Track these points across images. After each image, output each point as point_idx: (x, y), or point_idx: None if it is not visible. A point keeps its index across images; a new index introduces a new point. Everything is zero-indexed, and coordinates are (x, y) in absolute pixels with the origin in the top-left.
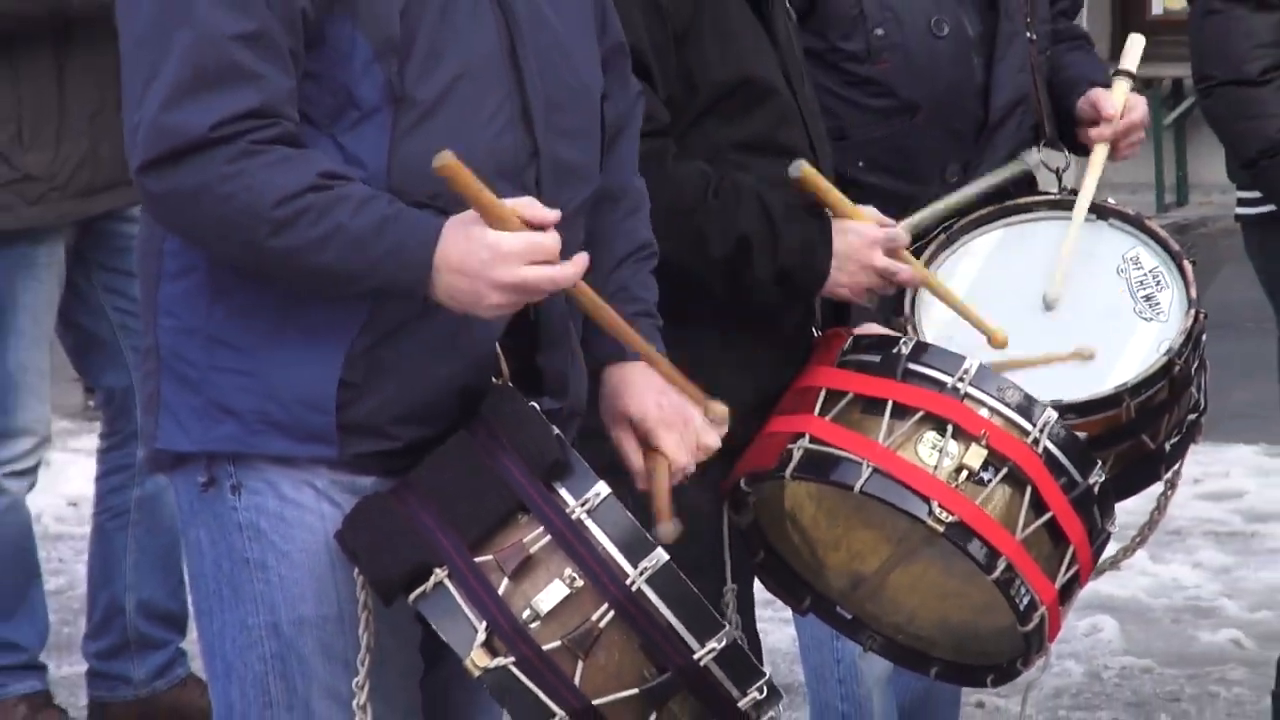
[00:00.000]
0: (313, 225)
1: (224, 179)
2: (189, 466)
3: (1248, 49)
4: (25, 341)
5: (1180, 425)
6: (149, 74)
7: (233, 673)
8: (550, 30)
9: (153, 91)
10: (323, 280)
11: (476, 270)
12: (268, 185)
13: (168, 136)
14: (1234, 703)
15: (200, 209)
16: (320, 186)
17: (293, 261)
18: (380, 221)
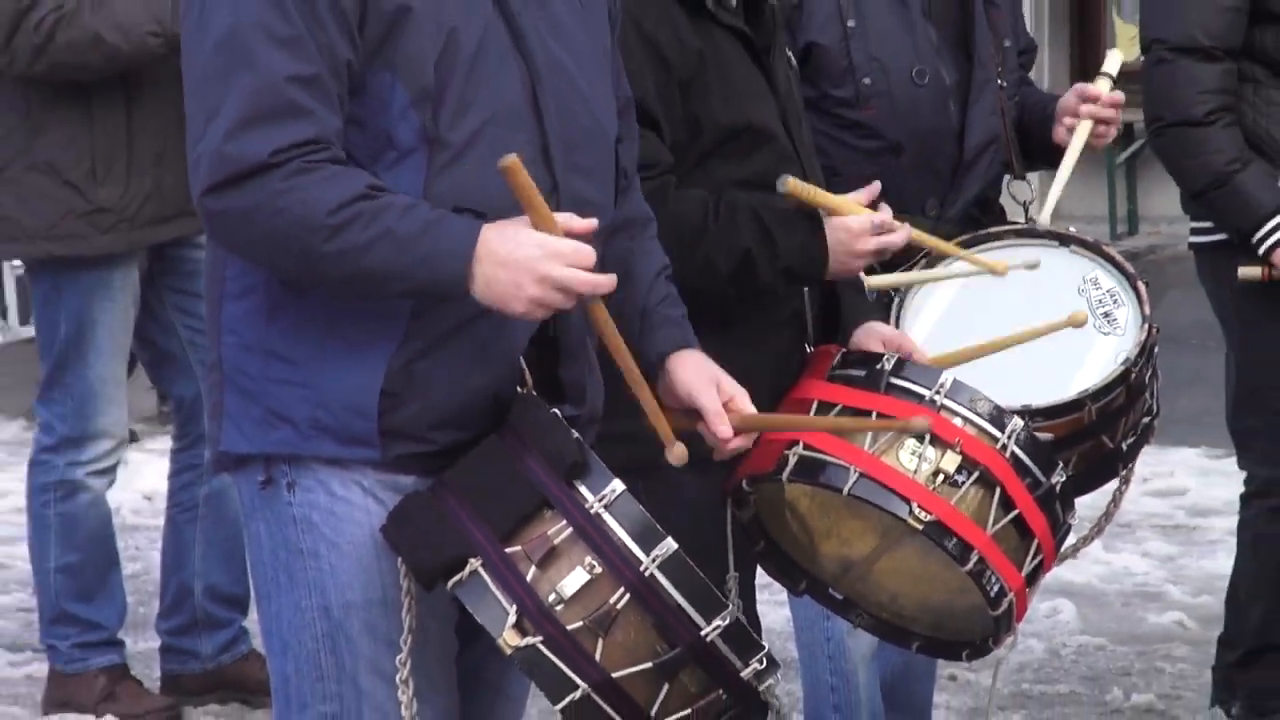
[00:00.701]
0: (364, 229)
1: (279, 194)
2: (249, 467)
3: (1194, 94)
4: (104, 356)
5: (1135, 427)
6: (211, 111)
7: (288, 649)
8: (568, 78)
9: (215, 126)
10: (373, 280)
11: (523, 262)
12: (321, 196)
13: (229, 163)
14: (1178, 677)
15: (259, 223)
16: (369, 195)
17: (346, 264)
18: (425, 223)
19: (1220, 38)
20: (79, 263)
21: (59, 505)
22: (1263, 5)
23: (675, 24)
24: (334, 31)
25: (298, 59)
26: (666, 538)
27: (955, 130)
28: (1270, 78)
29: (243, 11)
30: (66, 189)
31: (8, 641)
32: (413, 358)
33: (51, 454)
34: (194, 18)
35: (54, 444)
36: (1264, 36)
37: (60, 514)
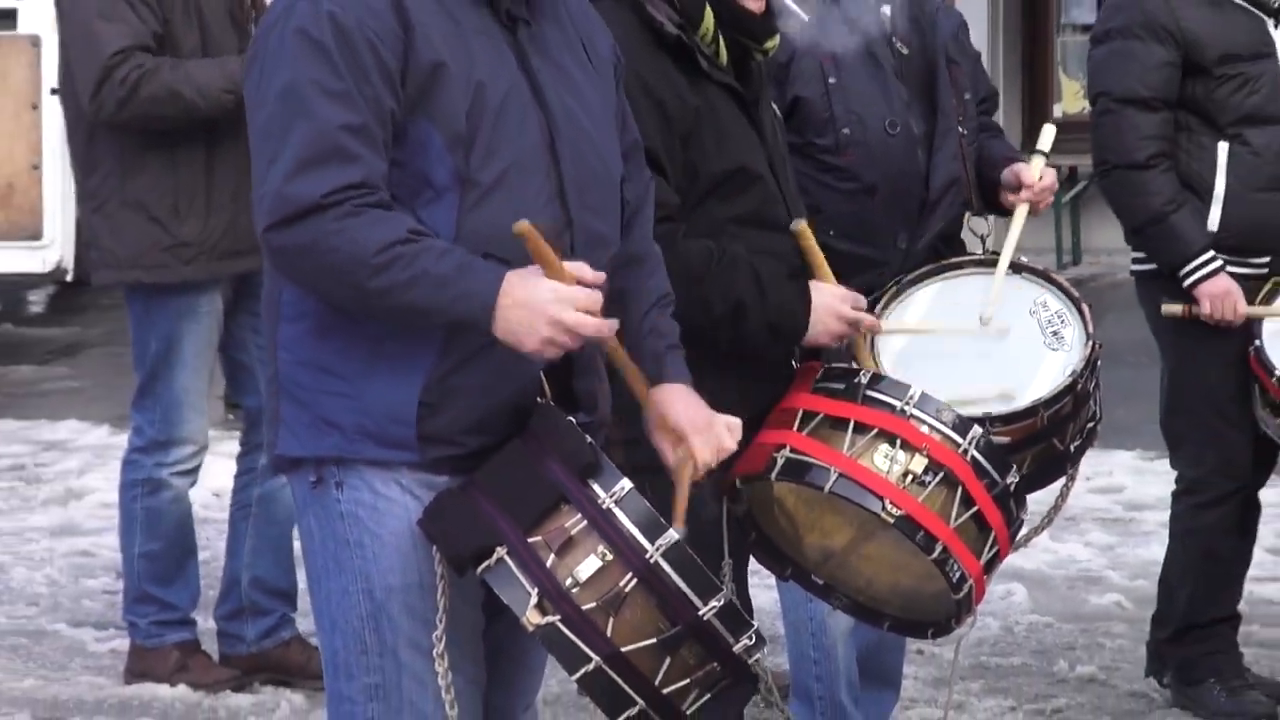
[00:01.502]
0: (404, 269)
1: (332, 234)
2: (302, 468)
3: (1136, 140)
4: (189, 371)
5: (1081, 432)
6: (273, 156)
7: (337, 628)
8: (580, 128)
9: (276, 169)
10: (410, 314)
11: (539, 305)
12: (368, 238)
13: (289, 203)
14: (1117, 651)
15: (313, 259)
16: (409, 239)
17: (387, 299)
18: (457, 267)
19: (1158, 90)
20: (166, 289)
21: (145, 500)
22: (1194, 61)
23: (675, 84)
24: (379, 86)
25: (347, 110)
26: (669, 529)
27: (922, 174)
28: (1201, 125)
29: (299, 69)
30: (153, 224)
31: (94, 620)
32: (446, 373)
33: (140, 454)
34: (256, 75)
35: (143, 446)
36: (1195, 89)
37: (145, 508)
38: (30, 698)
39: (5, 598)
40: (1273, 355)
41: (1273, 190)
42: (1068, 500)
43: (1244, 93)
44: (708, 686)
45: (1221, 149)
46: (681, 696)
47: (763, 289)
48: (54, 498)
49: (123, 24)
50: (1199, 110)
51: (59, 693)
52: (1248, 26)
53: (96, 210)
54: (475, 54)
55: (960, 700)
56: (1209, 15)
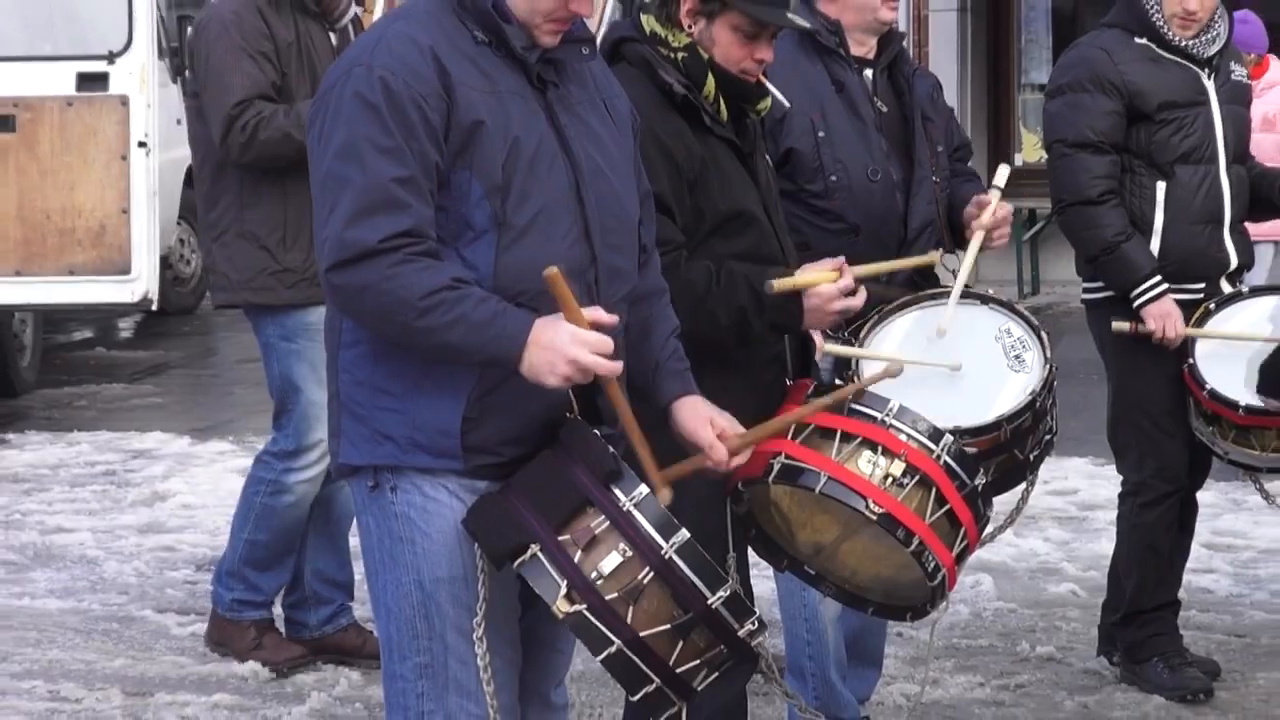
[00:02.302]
0: (446, 313)
1: (386, 279)
2: (360, 475)
3: (1088, 180)
4: (310, 386)
5: (1040, 443)
6: (333, 205)
7: (391, 615)
8: (603, 176)
9: (335, 216)
10: (449, 351)
11: (559, 347)
12: (416, 284)
13: (347, 248)
14: (1072, 634)
15: (368, 299)
16: (452, 287)
17: (430, 337)
18: (492, 314)
19: (1106, 135)
20: (274, 310)
21: (265, 497)
22: (1137, 109)
23: (683, 137)
24: (425, 141)
25: (398, 164)
26: (681, 529)
27: (900, 215)
28: (1144, 167)
29: (355, 127)
30: (263, 252)
31: (176, 606)
32: (485, 392)
33: (273, 458)
34: (317, 133)
35: (276, 452)
36: (1138, 134)
37: (263, 503)
38: (120, 675)
39: (98, 587)
40: (1205, 373)
41: (1204, 223)
42: (1028, 502)
43: (1180, 135)
44: (715, 666)
45: (1160, 187)
46: (692, 675)
47: (760, 296)
48: (141, 500)
49: (246, 76)
50: (1141, 153)
51: (145, 670)
52: (1183, 77)
53: (216, 240)
54: (510, 112)
55: (935, 677)
56: (1149, 69)
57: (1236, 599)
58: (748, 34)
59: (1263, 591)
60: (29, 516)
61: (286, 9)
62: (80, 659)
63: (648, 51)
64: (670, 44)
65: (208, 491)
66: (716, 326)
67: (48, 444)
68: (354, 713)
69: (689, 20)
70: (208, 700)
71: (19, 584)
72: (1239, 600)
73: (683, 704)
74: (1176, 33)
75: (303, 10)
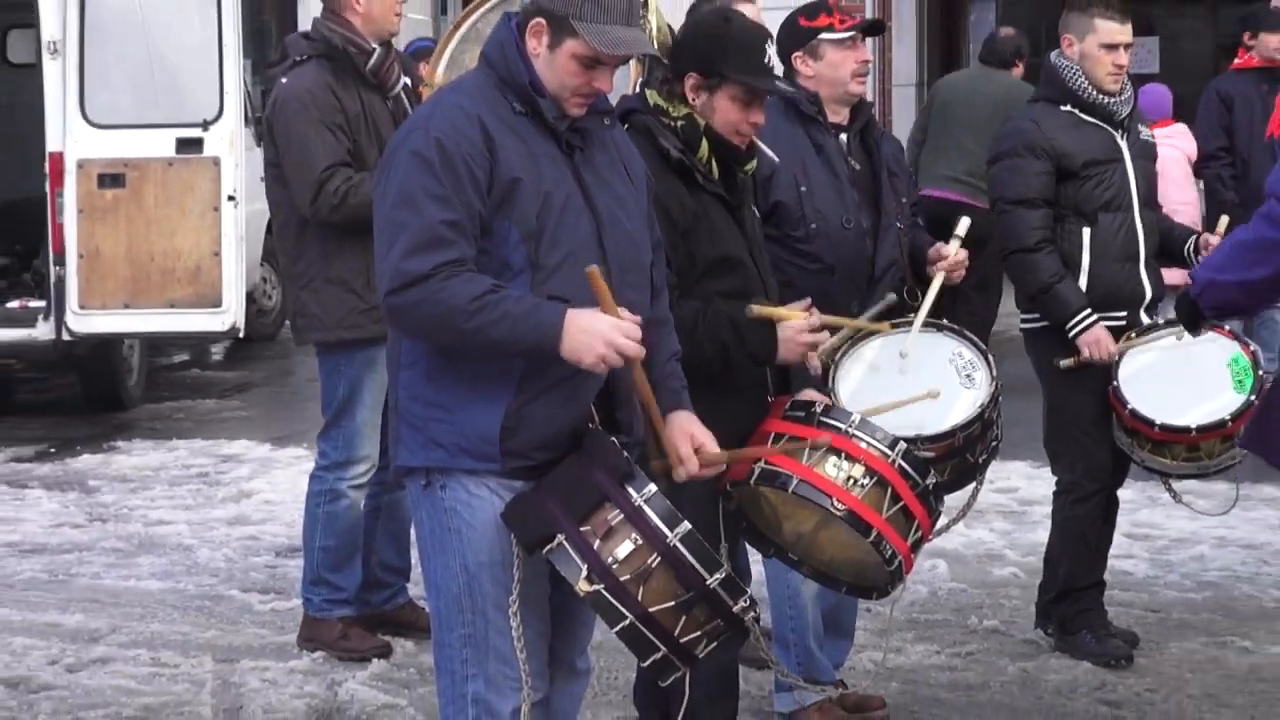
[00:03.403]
0: (491, 312)
1: (437, 291)
2: (415, 475)
3: (1026, 231)
4: (365, 410)
5: (988, 449)
6: (391, 241)
7: (440, 593)
8: (621, 225)
9: (394, 251)
10: (498, 345)
11: (597, 330)
12: (463, 291)
13: (402, 275)
14: (1014, 609)
15: (423, 312)
16: (493, 290)
17: (479, 336)
18: (531, 307)
19: (1040, 192)
20: (355, 344)
21: (325, 506)
22: (1064, 168)
23: (677, 193)
24: (470, 193)
25: (446, 209)
26: (684, 521)
27: (869, 257)
28: (1072, 216)
29: (412, 178)
30: (350, 294)
31: (259, 587)
32: (520, 406)
33: (325, 472)
34: (382, 182)
35: (327, 465)
36: (1066, 189)
37: (326, 512)
38: (211, 644)
39: (193, 571)
40: (1126, 395)
41: (1123, 260)
42: (977, 498)
43: (1100, 188)
44: (714, 637)
45: (1085, 232)
46: (694, 645)
47: (740, 332)
48: (229, 497)
49: (327, 146)
50: (1069, 204)
51: (232, 641)
52: (1101, 138)
53: (304, 287)
54: (543, 171)
55: (898, 645)
56: (1073, 133)
57: (1152, 580)
58: (744, 101)
59: (1174, 574)
60: (134, 511)
61: (350, 84)
62: (177, 631)
63: (650, 121)
64: (670, 114)
65: (285, 490)
66: (702, 356)
67: (151, 450)
68: (408, 676)
69: (693, 95)
70: (285, 666)
71: (126, 568)
72: (1154, 581)
73: (686, 669)
74: (1107, 87)
75: (363, 83)
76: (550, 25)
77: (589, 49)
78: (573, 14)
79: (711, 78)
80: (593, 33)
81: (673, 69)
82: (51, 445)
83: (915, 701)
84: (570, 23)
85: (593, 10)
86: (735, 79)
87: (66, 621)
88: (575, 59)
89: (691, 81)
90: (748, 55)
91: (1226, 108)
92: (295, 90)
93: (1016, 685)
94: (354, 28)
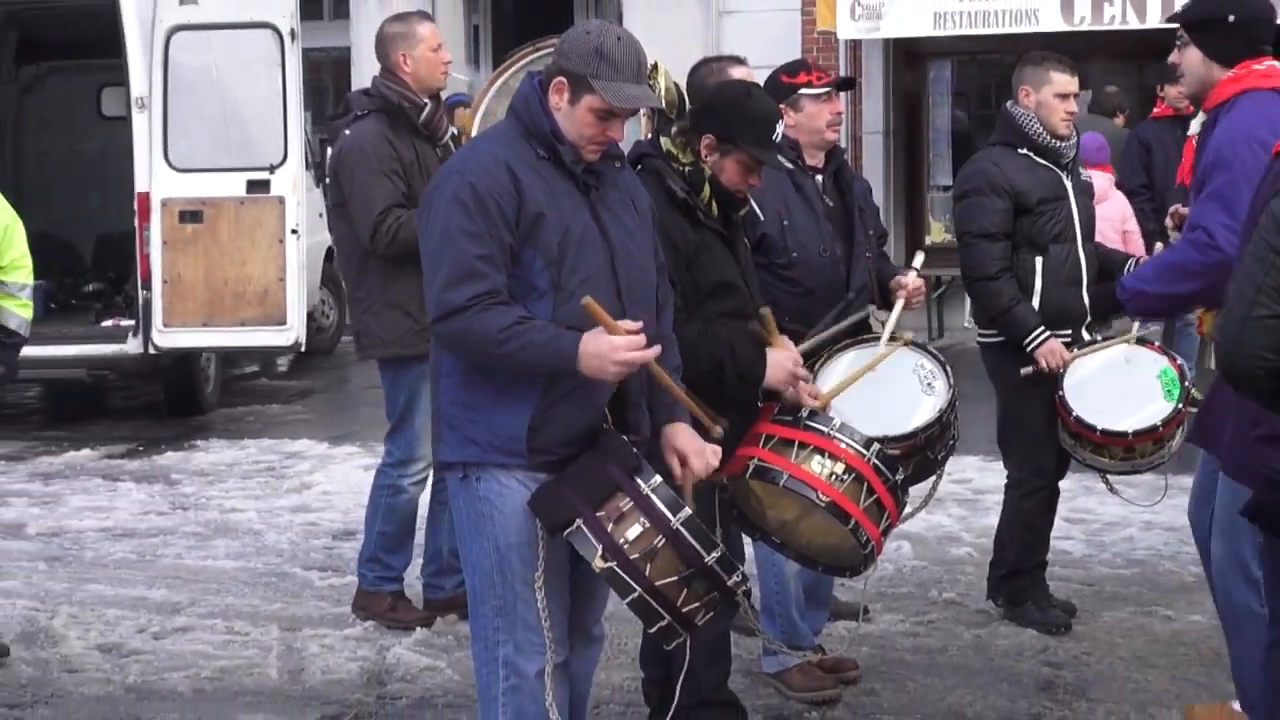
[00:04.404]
0: (517, 341)
1: (473, 321)
2: (453, 469)
3: (988, 261)
4: (422, 416)
5: (946, 447)
6: (434, 273)
7: (475, 570)
8: (630, 253)
9: (436, 282)
10: (526, 366)
11: (605, 353)
12: (495, 323)
13: (444, 306)
14: (969, 584)
15: (463, 337)
16: (519, 322)
17: (508, 360)
18: (552, 336)
19: (1000, 227)
20: (411, 360)
21: (387, 498)
22: (1021, 205)
23: (683, 227)
24: (501, 228)
25: (480, 245)
26: (685, 507)
27: (843, 281)
28: (1026, 247)
29: (450, 219)
30: (406, 317)
31: (318, 565)
32: (545, 409)
33: (389, 469)
34: (425, 221)
35: (391, 463)
36: (1022, 224)
37: (386, 503)
38: (277, 615)
39: (262, 552)
40: (1071, 403)
41: (1069, 285)
42: (937, 490)
43: (1051, 222)
44: (710, 607)
45: (1038, 261)
46: (694, 614)
47: (734, 353)
48: (293, 488)
49: (385, 190)
50: (1024, 237)
51: (295, 611)
52: (1051, 179)
53: (365, 311)
54: (563, 207)
55: (869, 616)
56: (1027, 174)
57: (1087, 558)
58: (749, 167)
59: (1107, 553)
60: (211, 500)
61: (405, 134)
62: (247, 604)
63: (660, 165)
64: (680, 160)
65: (341, 482)
66: (699, 371)
67: (225, 448)
68: (447, 642)
69: (707, 152)
70: (340, 634)
71: (204, 550)
72: (1089, 559)
73: (687, 635)
74: (1061, 132)
75: (416, 134)
76: (571, 83)
77: (605, 103)
78: (590, 74)
79: (725, 143)
80: (608, 89)
81: (693, 126)
82: (140, 444)
83: (883, 663)
84: (589, 81)
85: (608, 70)
86: (746, 149)
87: (152, 595)
88: (592, 111)
89: (708, 141)
90: (760, 130)
91: (1146, 150)
92: (357, 142)
93: (971, 649)
94: (407, 84)
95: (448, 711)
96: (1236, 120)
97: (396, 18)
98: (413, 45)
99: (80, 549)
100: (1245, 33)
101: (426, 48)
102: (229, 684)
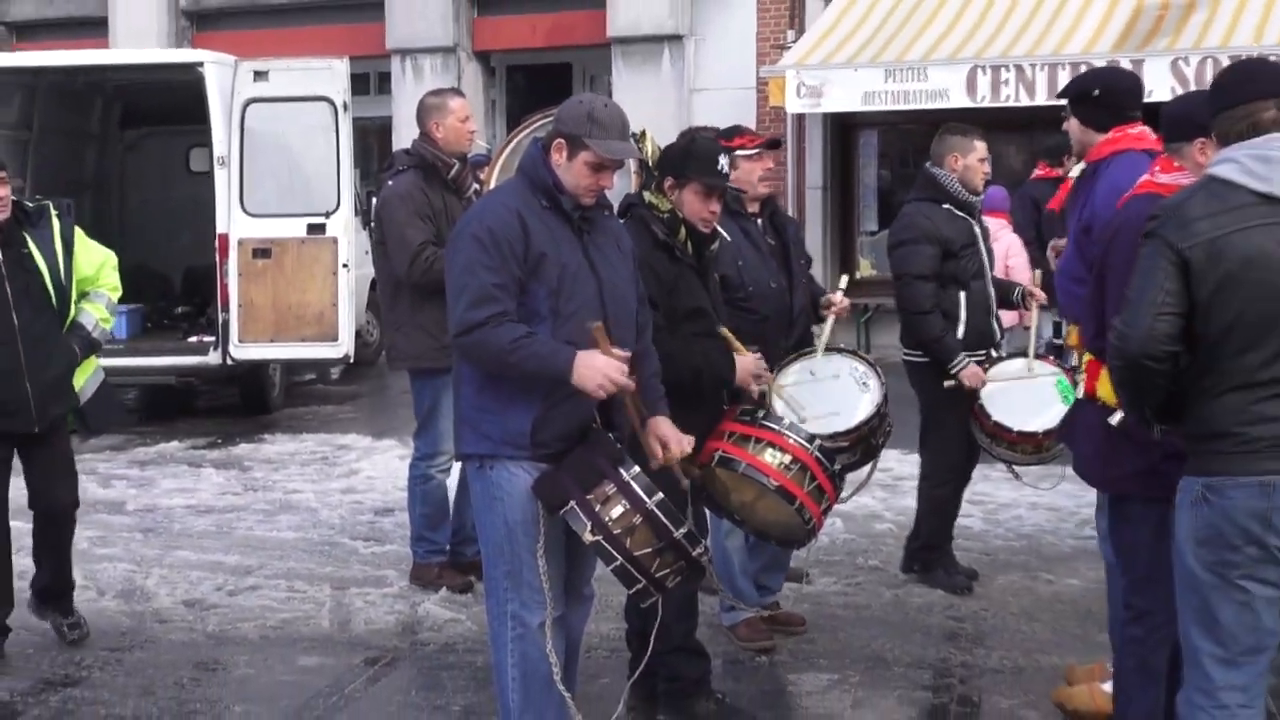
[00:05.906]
0: (523, 352)
1: (487, 335)
2: (471, 459)
3: (922, 299)
4: (445, 418)
5: (884, 433)
6: (457, 297)
7: (488, 541)
8: (615, 286)
9: (460, 305)
10: (528, 373)
11: (597, 368)
12: (505, 336)
13: (465, 324)
14: (889, 554)
15: (479, 350)
16: (526, 336)
17: (516, 368)
18: (552, 350)
19: (931, 269)
20: (434, 372)
21: (420, 486)
22: (948, 250)
23: (664, 263)
24: (512, 264)
25: (495, 275)
26: (659, 492)
27: (788, 308)
28: (952, 285)
29: (472, 255)
30: (429, 337)
31: (363, 535)
32: (545, 411)
33: (419, 462)
34: (451, 256)
35: (420, 457)
36: (947, 266)
37: (422, 490)
38: (329, 576)
39: (317, 525)
40: (989, 409)
41: (984, 315)
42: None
43: (969, 263)
44: (679, 573)
45: (961, 295)
46: (666, 578)
47: (709, 360)
48: (343, 474)
49: (419, 230)
50: (950, 277)
51: (343, 574)
52: (965, 228)
53: (396, 330)
54: (561, 247)
55: (809, 579)
56: (950, 225)
57: (985, 533)
58: (703, 194)
59: (1001, 529)
60: (276, 484)
61: (437, 187)
62: (305, 567)
63: (645, 213)
64: (660, 208)
65: (382, 469)
66: (678, 376)
67: (288, 441)
68: (467, 599)
69: (670, 191)
70: (380, 592)
71: (270, 523)
72: (987, 534)
73: (660, 595)
74: (979, 188)
75: (446, 187)
76: (569, 143)
77: (597, 157)
78: (584, 134)
79: (680, 178)
80: (600, 145)
81: (659, 174)
82: (218, 437)
83: (820, 617)
84: (583, 140)
85: (598, 130)
86: (695, 178)
87: (228, 560)
88: (587, 165)
89: (668, 182)
90: (705, 162)
91: (1035, 205)
92: (397, 191)
93: (890, 606)
94: (439, 146)
95: (467, 655)
96: (1112, 178)
97: (434, 92)
98: (444, 115)
99: (169, 522)
100: (1111, 103)
101: (456, 118)
102: (289, 632)
